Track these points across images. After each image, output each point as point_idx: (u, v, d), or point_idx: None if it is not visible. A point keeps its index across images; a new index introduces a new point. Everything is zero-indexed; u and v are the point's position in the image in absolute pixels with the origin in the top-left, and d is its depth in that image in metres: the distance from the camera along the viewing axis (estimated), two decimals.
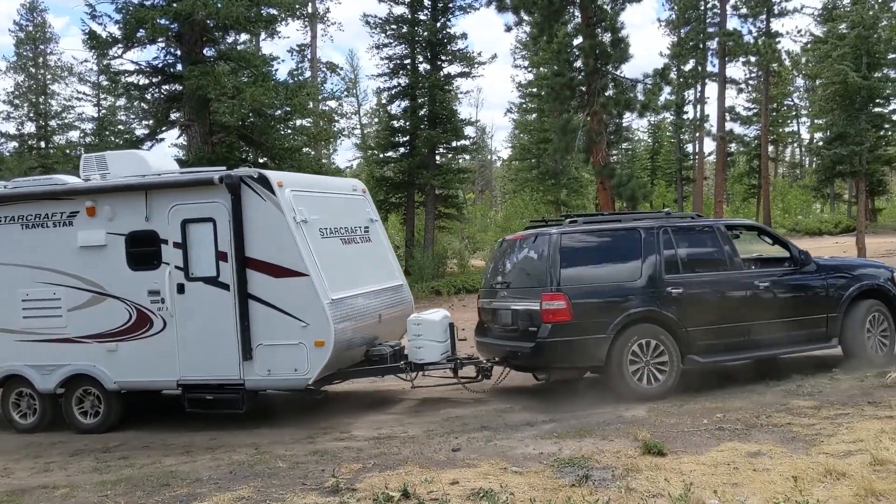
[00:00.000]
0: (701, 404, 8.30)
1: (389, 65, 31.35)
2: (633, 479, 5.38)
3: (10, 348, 9.60)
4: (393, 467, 6.34)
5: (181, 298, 9.05)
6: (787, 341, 9.64)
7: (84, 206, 9.41)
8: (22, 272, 9.60)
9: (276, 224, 8.73)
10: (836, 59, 33.14)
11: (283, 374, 8.78)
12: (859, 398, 7.93)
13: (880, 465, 5.29)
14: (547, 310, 8.73)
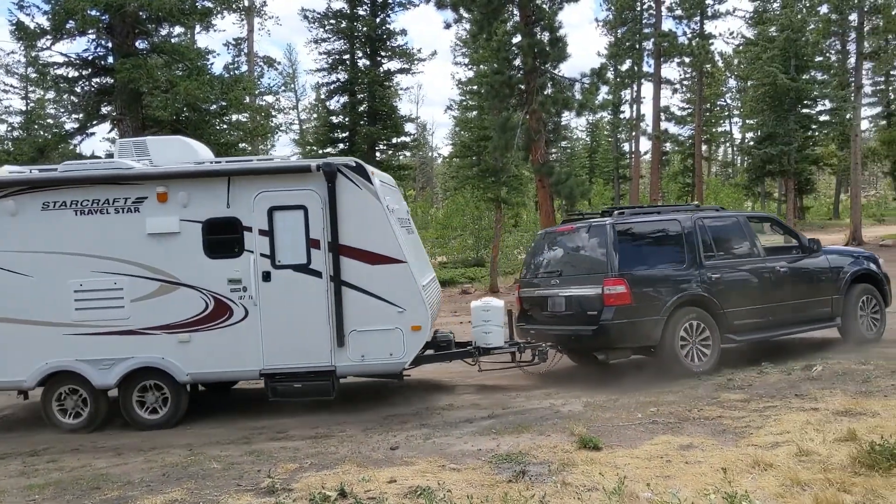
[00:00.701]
0: (635, 399, 8.45)
1: (328, 60, 31.08)
2: (568, 474, 5.44)
3: (57, 343, 8.88)
4: (330, 466, 6.28)
5: (266, 286, 8.90)
6: (802, 321, 10.72)
7: (154, 191, 8.93)
8: (74, 261, 8.90)
9: (373, 212, 8.87)
10: (765, 61, 34.20)
11: (378, 359, 8.91)
12: (787, 391, 8.18)
13: (805, 455, 5.46)
14: (609, 294, 9.39)
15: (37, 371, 8.86)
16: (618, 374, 10.47)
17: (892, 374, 8.53)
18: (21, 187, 8.90)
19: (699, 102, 42.28)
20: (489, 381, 10.24)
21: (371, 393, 10.26)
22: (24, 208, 8.88)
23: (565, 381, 10.18)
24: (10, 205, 8.87)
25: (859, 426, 6.13)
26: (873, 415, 6.62)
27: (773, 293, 10.38)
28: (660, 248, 10.04)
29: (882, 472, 4.85)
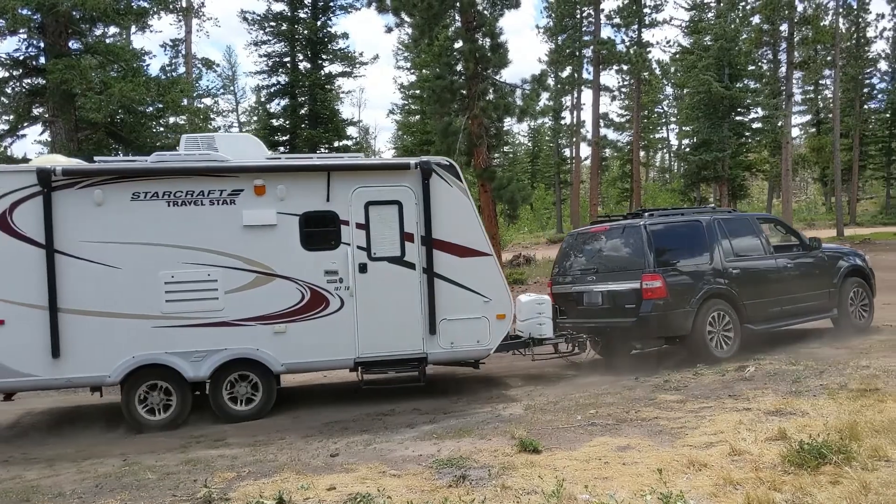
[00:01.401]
0: (575, 401, 8.54)
1: (269, 62, 30.81)
2: (508, 477, 5.46)
3: (145, 336, 8.66)
4: (269, 474, 6.18)
5: (363, 277, 9.18)
6: (807, 311, 11.71)
7: (252, 184, 9.00)
8: (166, 252, 8.75)
9: (463, 208, 9.50)
10: (701, 69, 35.04)
11: (466, 346, 9.48)
12: (721, 391, 8.37)
13: (738, 455, 5.59)
14: (647, 288, 10.29)
15: (123, 365, 8.61)
16: (559, 376, 10.60)
17: (820, 374, 8.82)
18: (109, 177, 8.69)
19: (637, 109, 43.20)
20: (424, 389, 10.21)
21: (312, 400, 10.15)
22: (111, 198, 8.66)
23: (507, 386, 10.24)
24: (98, 194, 8.62)
25: (789, 425, 6.31)
26: (802, 414, 6.82)
27: (782, 287, 11.38)
28: (687, 246, 10.91)
29: (810, 471, 4.99)
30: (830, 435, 5.62)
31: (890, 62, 55.80)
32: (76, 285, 8.50)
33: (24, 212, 8.43)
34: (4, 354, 8.36)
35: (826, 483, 4.78)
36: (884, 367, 8.85)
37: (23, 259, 8.41)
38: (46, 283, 8.40)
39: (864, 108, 55.03)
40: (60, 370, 8.48)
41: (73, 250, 8.51)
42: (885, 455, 5.20)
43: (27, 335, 8.39)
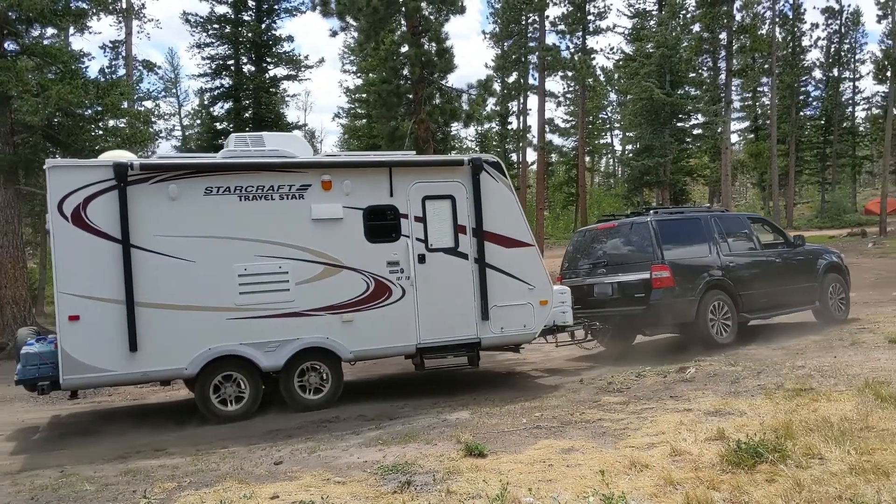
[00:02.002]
0: (521, 404, 8.61)
1: (212, 65, 30.37)
2: (453, 482, 5.46)
3: (219, 327, 8.77)
4: (210, 484, 6.07)
5: (421, 268, 9.66)
6: (793, 303, 12.72)
7: (319, 179, 9.34)
8: (239, 246, 8.91)
9: (507, 202, 10.15)
10: (643, 76, 35.66)
11: (514, 331, 10.09)
12: (662, 392, 8.53)
13: (678, 455, 5.69)
14: (656, 278, 11.19)
15: (200, 357, 8.71)
16: (504, 379, 10.65)
17: (758, 374, 9.04)
18: (183, 171, 8.82)
19: (582, 115, 43.77)
20: (370, 395, 10.16)
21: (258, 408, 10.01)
22: (185, 193, 8.75)
23: (453, 389, 10.25)
24: (172, 189, 8.70)
25: (727, 425, 6.45)
26: (740, 414, 6.98)
27: (772, 280, 12.39)
28: (690, 241, 11.85)
29: (747, 470, 5.11)
30: (766, 434, 5.76)
31: (824, 70, 57.74)
32: (152, 279, 8.53)
33: (98, 206, 8.42)
34: (79, 350, 8.27)
35: (762, 481, 4.89)
36: (818, 366, 9.11)
37: (97, 253, 8.39)
38: (122, 278, 8.39)
39: (800, 115, 56.75)
40: (137, 364, 8.51)
41: (147, 244, 8.55)
42: (818, 453, 5.35)
43: (103, 330, 8.37)
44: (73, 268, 8.31)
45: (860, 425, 6.06)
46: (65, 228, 8.28)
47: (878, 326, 12.37)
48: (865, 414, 6.36)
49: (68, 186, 8.33)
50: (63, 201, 8.30)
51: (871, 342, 10.76)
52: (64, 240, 8.30)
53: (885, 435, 5.72)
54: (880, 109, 57.20)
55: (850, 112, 61.68)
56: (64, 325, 8.22)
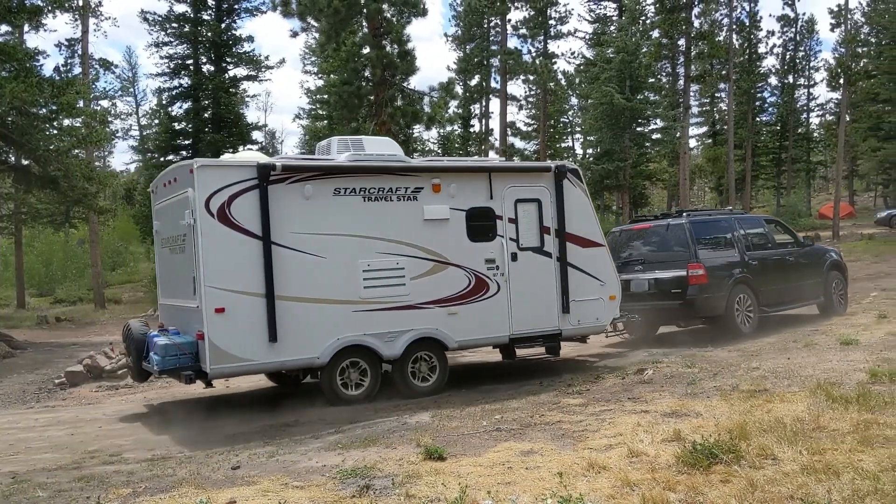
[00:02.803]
0: (482, 406, 8.62)
1: (170, 64, 29.96)
2: (413, 486, 5.45)
3: (347, 319, 9.40)
4: (166, 490, 5.97)
5: (514, 265, 10.48)
6: (802, 298, 13.98)
7: (430, 182, 10.05)
8: (362, 243, 9.57)
9: (584, 206, 11.17)
10: (603, 81, 35.98)
11: (588, 323, 11.02)
12: (621, 394, 8.62)
13: (636, 456, 5.75)
14: (693, 275, 12.30)
15: (330, 347, 9.28)
16: (466, 381, 10.66)
17: (714, 376, 9.18)
18: (317, 173, 9.41)
19: (543, 119, 44.04)
20: None
21: (216, 411, 9.90)
22: (318, 193, 9.32)
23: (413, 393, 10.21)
24: (308, 189, 9.26)
25: (684, 426, 6.53)
26: (697, 415, 7.08)
27: (786, 276, 13.60)
28: (718, 241, 13.09)
29: (702, 470, 5.18)
30: (722, 435, 5.85)
31: (779, 77, 58.87)
32: (288, 274, 9.04)
33: (241, 204, 8.86)
34: (225, 341, 8.69)
35: (717, 482, 4.96)
36: (772, 368, 9.29)
37: (240, 249, 8.84)
38: (263, 272, 8.88)
39: (756, 120, 57.77)
40: (277, 354, 9.00)
41: (285, 241, 9.06)
42: (772, 453, 5.45)
43: (247, 322, 8.80)
44: (219, 263, 8.73)
45: (812, 426, 6.19)
46: (211, 225, 8.69)
47: (831, 329, 12.65)
48: (817, 414, 6.50)
49: (215, 185, 8.75)
50: (210, 199, 8.70)
51: (824, 344, 11.00)
52: (210, 236, 8.69)
53: (836, 435, 5.85)
54: (833, 116, 58.68)
55: (805, 118, 63.05)
56: (210, 316, 8.62)
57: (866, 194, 65.35)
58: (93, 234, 28.64)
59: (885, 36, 43.37)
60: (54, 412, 10.75)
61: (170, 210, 9.68)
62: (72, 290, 30.84)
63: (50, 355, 16.84)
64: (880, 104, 46.10)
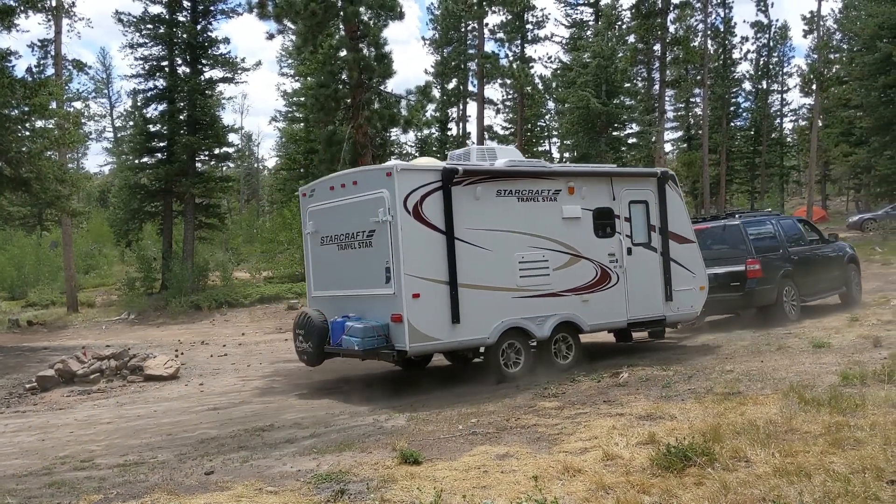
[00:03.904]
0: (458, 410, 8.62)
1: (145, 66, 29.59)
2: (388, 490, 5.43)
3: (507, 305, 10.57)
4: (138, 496, 5.91)
5: (629, 259, 11.90)
6: (829, 289, 15.79)
7: (566, 185, 11.44)
8: (517, 238, 10.81)
9: (680, 207, 12.77)
10: (580, 85, 36.16)
11: (685, 310, 12.54)
12: (596, 397, 8.65)
13: (610, 459, 5.77)
14: (751, 270, 13.98)
15: (497, 328, 10.45)
16: (442, 384, 10.65)
17: (689, 379, 9.25)
18: (484, 176, 10.70)
19: (520, 123, 44.18)
20: (304, 403, 10.04)
21: (188, 416, 9.81)
22: (484, 194, 10.59)
23: (390, 396, 10.20)
24: (479, 190, 10.54)
25: (658, 429, 6.57)
26: (671, 418, 7.12)
27: (818, 270, 15.37)
28: (766, 239, 14.75)
29: (676, 473, 5.21)
30: (695, 438, 5.88)
31: (753, 83, 59.50)
32: (465, 264, 10.24)
33: (430, 203, 10.10)
34: (421, 322, 9.87)
35: (691, 484, 4.99)
36: (746, 371, 9.37)
37: (430, 242, 10.07)
38: (447, 262, 10.11)
39: (731, 125, 58.29)
40: (458, 334, 10.17)
41: (462, 235, 10.29)
42: (745, 455, 5.49)
43: (435, 306, 9.99)
44: (414, 254, 9.91)
45: (784, 428, 6.25)
46: (408, 221, 9.92)
47: (803, 332, 12.79)
48: (790, 417, 6.56)
49: (410, 186, 9.97)
50: (407, 198, 9.92)
51: (796, 347, 11.12)
52: (407, 230, 9.88)
53: (808, 437, 5.91)
54: (806, 121, 59.38)
55: (779, 123, 63.71)
56: (409, 301, 9.79)
57: (839, 198, 66.13)
58: (66, 236, 28.25)
59: (857, 42, 43.90)
60: (25, 417, 10.61)
61: (345, 210, 10.84)
62: (44, 294, 30.37)
63: (21, 359, 16.60)
64: (852, 110, 46.66)
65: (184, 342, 19.19)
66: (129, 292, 28.42)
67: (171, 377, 13.27)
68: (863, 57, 40.44)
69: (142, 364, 13.49)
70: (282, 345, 18.18)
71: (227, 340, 19.38)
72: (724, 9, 52.74)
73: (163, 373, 13.28)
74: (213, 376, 13.67)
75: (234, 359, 15.77)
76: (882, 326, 12.45)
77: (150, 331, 23.11)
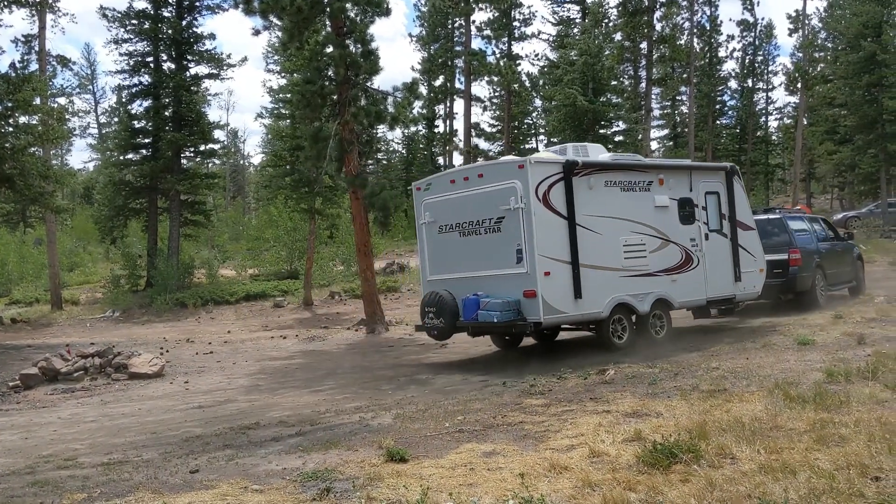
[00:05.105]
0: (444, 408, 8.59)
1: (130, 62, 29.43)
2: (374, 488, 5.40)
3: (615, 283, 11.92)
4: (122, 495, 5.85)
5: (706, 243, 13.37)
6: (844, 281, 17.57)
7: (657, 177, 12.86)
8: (621, 224, 12.16)
9: (744, 198, 14.34)
10: (567, 83, 36.16)
11: (749, 290, 14.13)
12: (583, 394, 8.65)
13: (597, 456, 5.77)
14: (793, 259, 15.66)
15: (608, 304, 11.79)
16: (426, 383, 10.63)
17: (674, 376, 9.27)
18: (594, 169, 12.03)
19: (508, 120, 44.18)
20: (292, 399, 9.99)
21: (172, 414, 9.75)
22: (596, 184, 11.98)
23: (377, 395, 10.18)
24: (592, 180, 11.92)
25: (645, 426, 6.58)
26: (657, 415, 7.13)
27: (837, 263, 17.20)
28: (801, 233, 16.44)
29: (662, 470, 5.21)
30: (681, 435, 5.89)
31: (739, 81, 59.79)
32: (583, 246, 11.55)
33: (555, 192, 11.45)
34: (552, 297, 11.20)
35: (677, 481, 5.00)
36: (731, 368, 9.40)
37: (556, 227, 11.42)
38: (569, 245, 11.46)
39: (717, 123, 58.59)
40: (579, 308, 11.51)
41: (581, 220, 11.62)
42: (731, 452, 5.50)
43: (562, 283, 11.33)
44: (545, 237, 11.24)
45: (770, 425, 6.27)
46: (539, 208, 11.24)
47: (788, 329, 12.87)
48: (775, 414, 6.59)
49: (540, 176, 11.33)
50: (538, 187, 11.25)
51: (781, 344, 11.19)
52: (539, 216, 11.22)
53: (793, 434, 5.93)
54: (791, 119, 59.69)
55: (764, 121, 64.11)
56: (542, 278, 11.11)
57: (823, 196, 66.56)
58: (50, 233, 28.04)
59: (842, 41, 44.17)
60: (7, 416, 10.51)
61: (468, 200, 12.02)
62: (28, 291, 30.15)
63: (4, 357, 16.46)
64: (836, 108, 46.99)
65: (169, 340, 19.10)
66: (113, 290, 28.26)
67: (156, 375, 13.20)
68: (847, 56, 40.73)
69: (126, 362, 13.40)
70: (268, 342, 18.13)
71: (212, 338, 19.31)
72: (710, 7, 53.10)
73: (147, 371, 13.21)
74: (199, 374, 13.61)
75: (220, 357, 15.71)
76: (866, 324, 12.56)
77: (135, 328, 22.98)
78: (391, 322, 19.87)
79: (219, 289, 27.13)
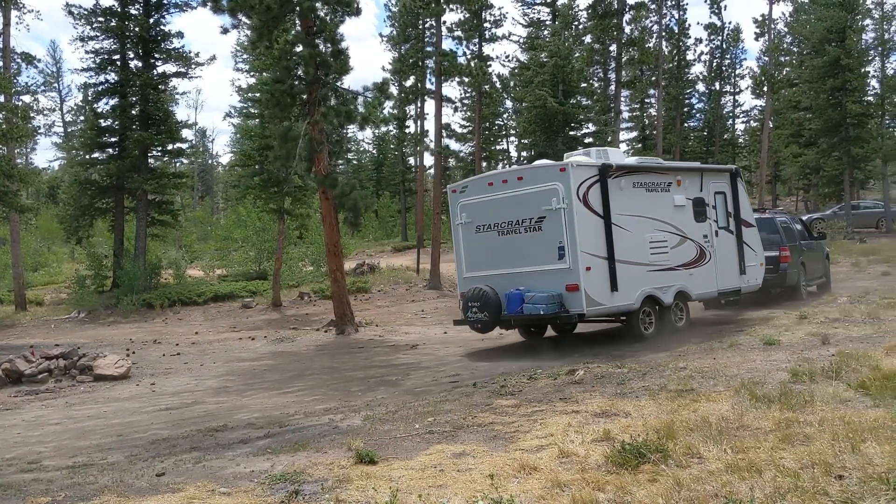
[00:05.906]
0: (414, 409, 8.57)
1: (96, 59, 28.97)
2: (343, 491, 5.38)
3: (643, 276, 12.85)
4: (87, 498, 5.77)
5: (716, 239, 14.48)
6: (818, 276, 18.86)
7: (675, 179, 13.91)
8: (647, 222, 13.14)
9: (745, 197, 15.50)
10: (537, 84, 36.32)
11: (752, 283, 15.26)
12: (553, 395, 8.68)
13: (566, 457, 5.79)
14: (783, 255, 16.85)
15: (639, 296, 12.76)
16: (396, 384, 10.60)
17: (643, 376, 9.34)
18: (624, 171, 13.06)
19: (478, 121, 44.12)
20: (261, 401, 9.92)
21: (139, 416, 9.62)
22: (626, 185, 12.97)
23: (346, 396, 10.13)
24: (623, 182, 12.91)
25: (613, 426, 6.62)
26: (626, 415, 7.18)
27: (813, 260, 18.51)
28: (790, 232, 17.78)
29: (631, 470, 5.24)
30: (650, 434, 5.93)
31: (707, 84, 60.40)
32: (618, 243, 12.48)
33: (593, 193, 12.38)
34: (593, 290, 12.13)
35: (645, 481, 5.03)
36: (699, 368, 9.49)
37: (594, 225, 12.35)
38: (605, 242, 12.40)
39: (685, 126, 59.13)
40: (615, 300, 12.47)
41: (615, 220, 12.54)
42: (698, 452, 5.55)
43: (600, 277, 12.25)
44: (586, 235, 12.13)
45: (736, 424, 6.34)
46: (580, 208, 12.15)
47: (754, 329, 13.03)
48: (741, 413, 6.66)
49: (580, 178, 12.25)
50: (578, 188, 12.16)
51: (747, 344, 11.32)
52: (580, 215, 12.11)
53: (759, 433, 6.00)
54: (757, 122, 60.42)
55: (731, 124, 64.73)
56: (584, 273, 12.03)
57: (788, 199, 67.49)
58: (14, 233, 27.53)
59: (807, 46, 44.86)
60: None
61: (507, 201, 12.83)
62: None
63: None
64: (802, 112, 47.63)
65: (135, 341, 18.86)
66: (79, 290, 27.81)
67: (122, 377, 13.03)
68: (812, 60, 41.36)
69: (92, 363, 13.21)
70: (236, 343, 17.97)
71: (180, 339, 19.10)
72: (678, 11, 53.42)
73: (113, 372, 13.03)
74: (166, 376, 13.45)
75: (188, 358, 15.54)
76: (830, 324, 12.74)
77: (101, 330, 22.65)
78: (361, 323, 19.79)
79: (186, 289, 26.82)
